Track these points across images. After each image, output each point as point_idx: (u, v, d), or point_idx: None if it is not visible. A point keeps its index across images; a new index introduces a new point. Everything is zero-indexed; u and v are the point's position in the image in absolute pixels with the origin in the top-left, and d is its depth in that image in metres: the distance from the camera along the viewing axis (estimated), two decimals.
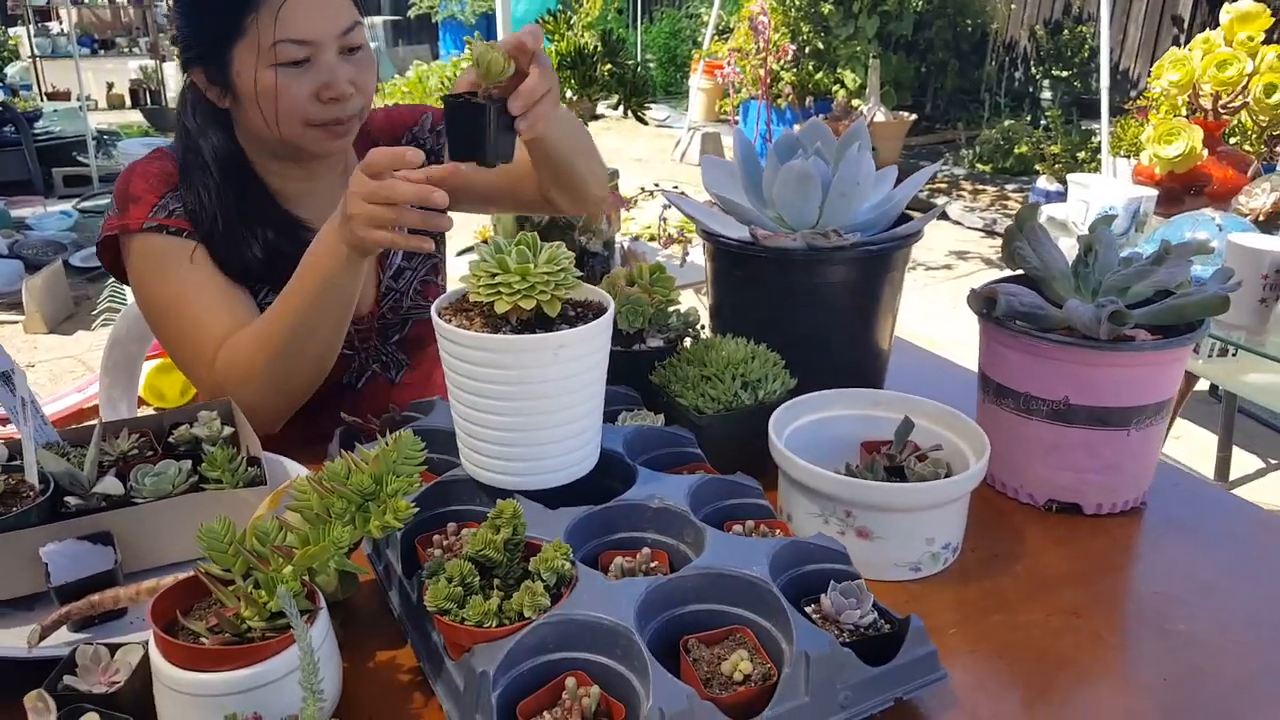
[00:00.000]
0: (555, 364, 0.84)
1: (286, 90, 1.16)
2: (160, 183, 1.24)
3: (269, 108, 1.17)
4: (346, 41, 1.19)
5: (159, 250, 1.21)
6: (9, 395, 0.95)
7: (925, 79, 8.89)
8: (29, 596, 0.88)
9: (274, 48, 1.14)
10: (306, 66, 1.16)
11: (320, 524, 0.73)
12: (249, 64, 1.16)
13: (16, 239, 5.26)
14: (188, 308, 1.20)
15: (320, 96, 1.18)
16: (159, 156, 1.28)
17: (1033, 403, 1.07)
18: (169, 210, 1.22)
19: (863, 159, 1.19)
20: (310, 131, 1.20)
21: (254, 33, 1.14)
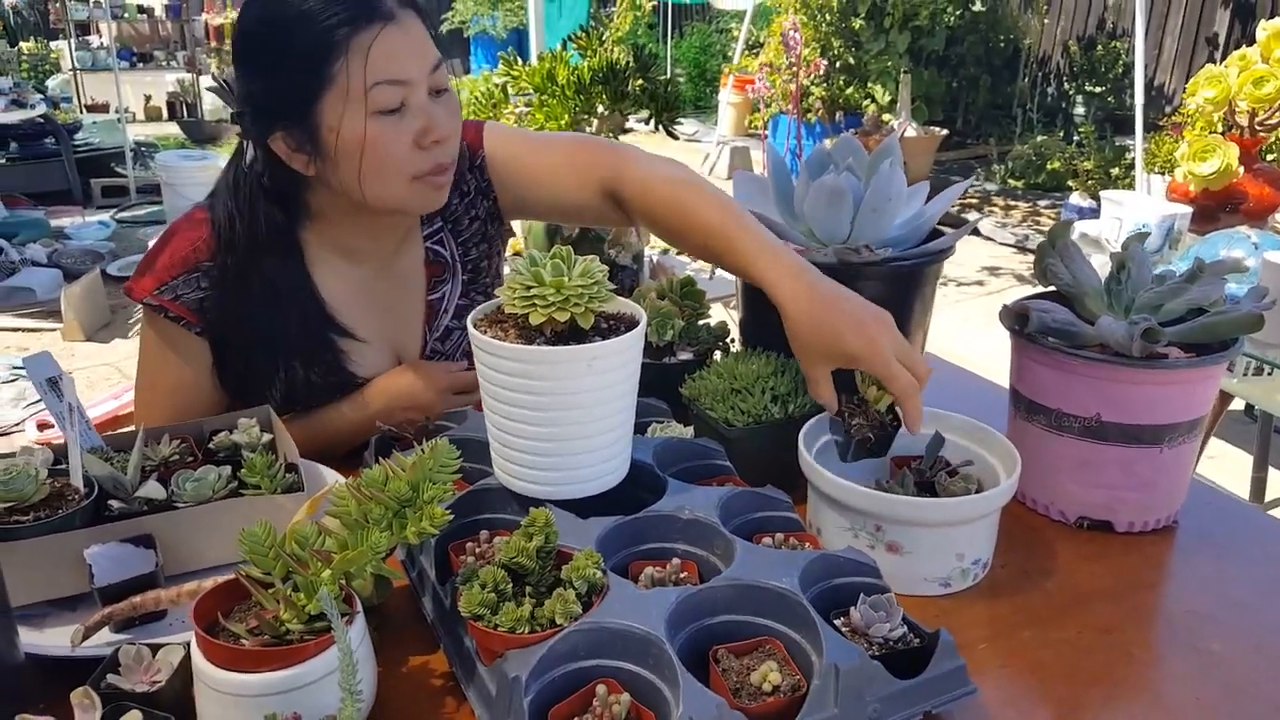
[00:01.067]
0: (588, 375, 0.85)
1: (387, 140, 1.06)
2: (181, 264, 1.17)
3: (370, 163, 1.08)
4: (435, 81, 1.10)
5: (158, 329, 1.21)
6: (56, 401, 0.97)
7: (957, 94, 8.86)
8: (71, 597, 0.90)
9: (369, 93, 1.04)
10: (402, 114, 1.07)
11: (358, 529, 0.75)
12: (338, 117, 1.06)
13: (56, 248, 5.37)
14: (167, 394, 1.22)
15: (420, 143, 1.09)
16: (201, 221, 1.19)
17: (1064, 419, 1.06)
18: (175, 294, 1.17)
19: (894, 175, 1.19)
20: (414, 187, 1.11)
21: (342, 80, 1.04)
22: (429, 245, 1.31)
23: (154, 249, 1.21)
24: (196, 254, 1.18)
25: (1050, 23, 9.16)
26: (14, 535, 0.86)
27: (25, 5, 10.67)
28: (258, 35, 1.10)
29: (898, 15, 7.78)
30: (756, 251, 1.07)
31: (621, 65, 2.45)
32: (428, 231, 1.31)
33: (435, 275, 1.31)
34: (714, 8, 11.61)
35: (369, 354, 1.27)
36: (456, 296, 1.33)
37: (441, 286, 1.32)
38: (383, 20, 1.05)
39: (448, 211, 1.30)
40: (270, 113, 1.10)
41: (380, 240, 1.27)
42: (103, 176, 7.14)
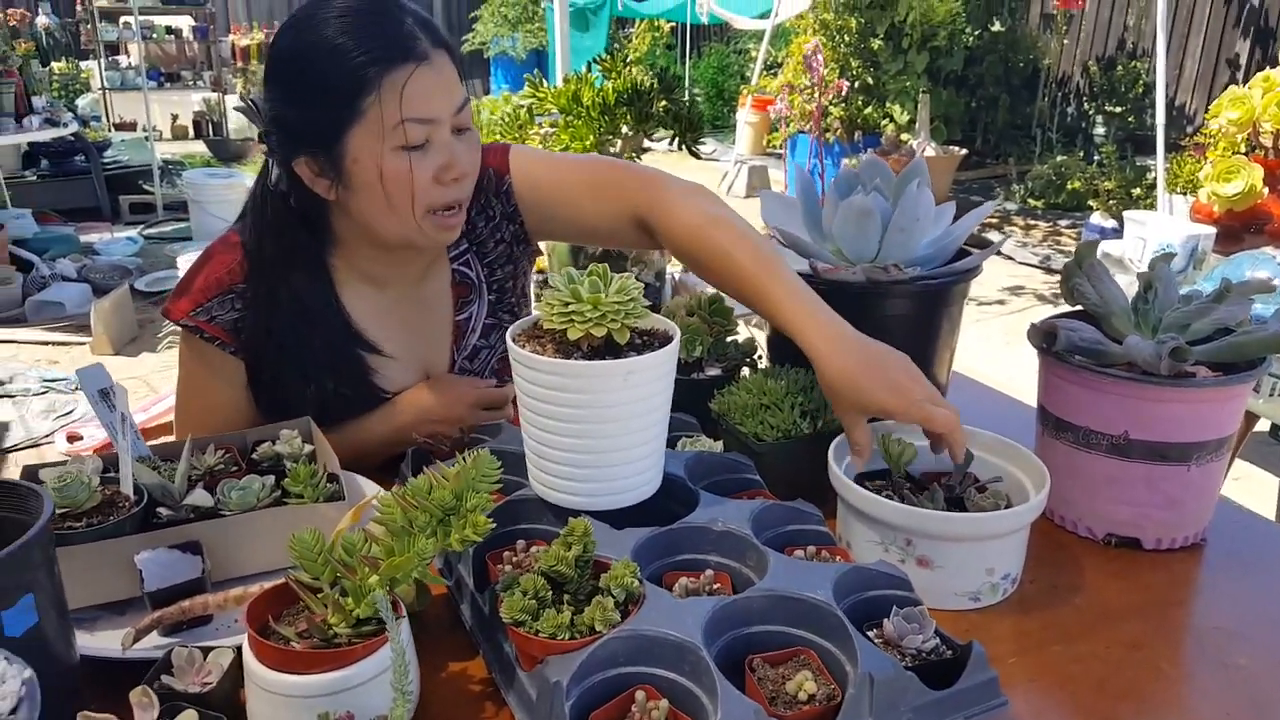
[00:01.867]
0: (624, 389, 0.88)
1: (406, 175, 1.10)
2: (217, 284, 1.20)
3: (394, 194, 1.11)
4: (459, 121, 1.14)
5: (194, 349, 1.24)
6: (107, 411, 1.00)
7: (976, 114, 8.88)
8: (121, 601, 0.92)
9: (400, 128, 1.08)
10: (427, 150, 1.11)
11: (404, 536, 0.77)
12: (365, 149, 1.09)
13: (85, 263, 5.46)
14: (200, 412, 1.26)
15: (440, 179, 1.12)
16: (236, 245, 1.23)
17: (1092, 437, 1.07)
18: (211, 316, 1.20)
19: (922, 195, 1.21)
20: (427, 221, 1.14)
21: (375, 115, 1.07)
22: (455, 267, 1.33)
23: (191, 271, 1.23)
24: (231, 276, 1.21)
25: (1070, 43, 9.18)
26: (68, 541, 0.89)
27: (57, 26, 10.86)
28: (291, 64, 1.13)
29: (916, 36, 7.82)
30: (791, 304, 1.09)
31: (646, 87, 2.48)
32: (454, 254, 1.33)
33: (462, 296, 1.34)
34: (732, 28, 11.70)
35: (397, 371, 1.29)
36: (483, 316, 1.36)
37: (468, 307, 1.35)
38: (416, 60, 1.08)
39: (474, 234, 1.33)
40: (297, 138, 1.13)
41: (405, 268, 1.29)
42: (131, 194, 7.27)
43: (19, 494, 0.76)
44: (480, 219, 1.32)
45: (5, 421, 3.70)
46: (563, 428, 0.89)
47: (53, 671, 0.73)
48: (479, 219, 1.32)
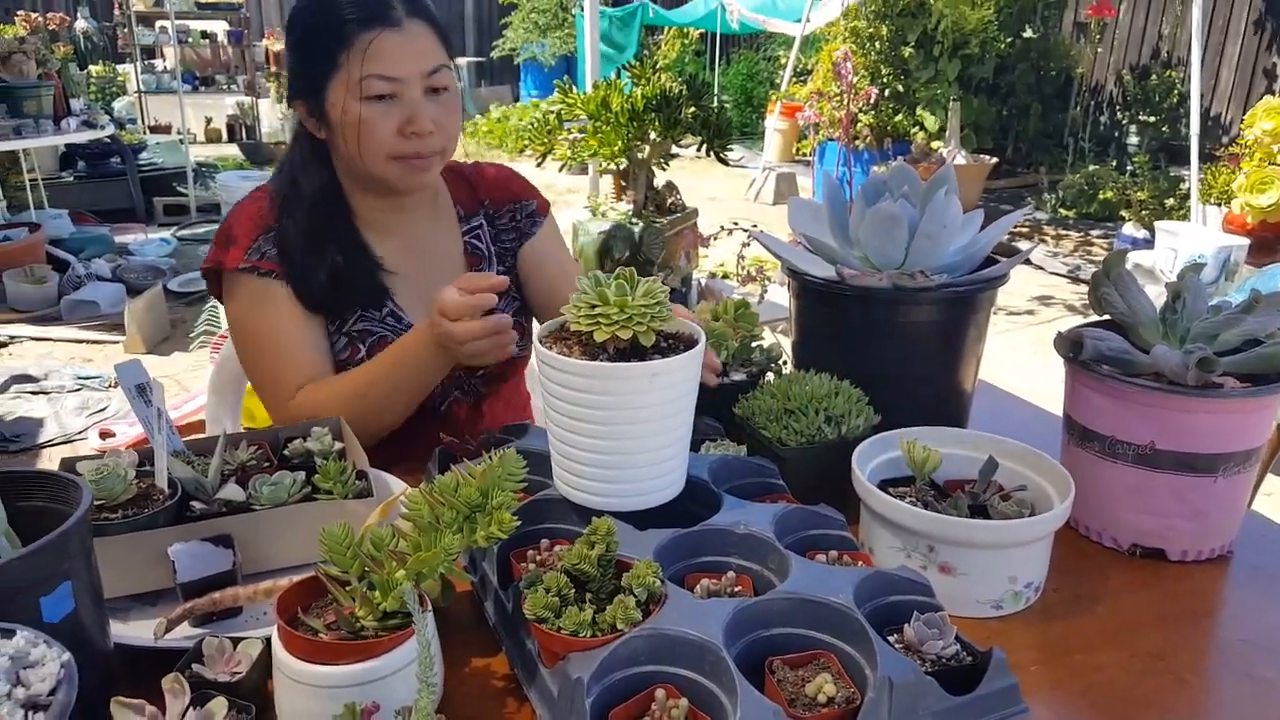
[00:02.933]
0: (649, 391, 0.88)
1: (372, 122, 1.25)
2: (256, 226, 1.33)
3: (352, 139, 1.26)
4: (431, 82, 1.27)
5: (252, 290, 1.31)
6: (144, 406, 1.03)
7: (1007, 122, 8.82)
8: (152, 593, 0.94)
9: (362, 82, 1.23)
10: (393, 102, 1.25)
11: (431, 532, 0.78)
12: (340, 97, 1.25)
13: (119, 263, 5.55)
14: (271, 347, 1.31)
15: (403, 131, 1.26)
16: (260, 196, 1.37)
17: (1118, 446, 1.07)
18: (262, 253, 1.31)
19: (950, 203, 1.21)
20: (393, 165, 1.28)
21: (346, 68, 1.24)
22: (467, 240, 1.48)
23: (224, 226, 1.35)
24: (265, 217, 1.34)
25: (1103, 51, 9.10)
26: (103, 531, 0.91)
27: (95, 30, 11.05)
28: (296, 20, 1.32)
29: (947, 43, 7.78)
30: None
31: (674, 94, 2.50)
32: (466, 228, 1.49)
33: (473, 265, 1.48)
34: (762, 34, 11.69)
35: (419, 316, 1.38)
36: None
37: (479, 270, 1.47)
38: (384, 25, 1.24)
39: (494, 219, 1.51)
40: (296, 83, 1.31)
41: (401, 214, 1.41)
42: (165, 195, 7.37)
43: (59, 484, 0.78)
44: (505, 216, 1.51)
45: (40, 418, 3.77)
46: (588, 429, 0.90)
47: (88, 657, 0.75)
48: (504, 214, 1.51)
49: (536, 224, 1.54)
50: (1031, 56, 8.47)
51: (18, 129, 5.11)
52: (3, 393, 3.98)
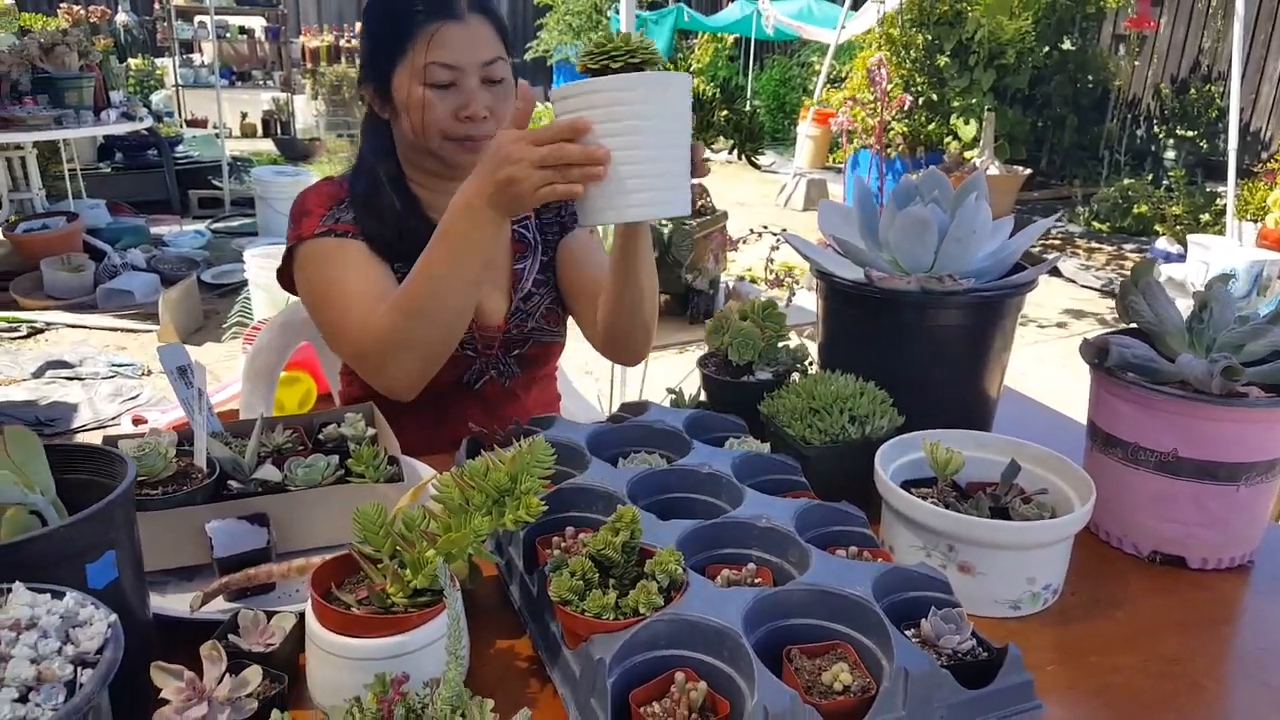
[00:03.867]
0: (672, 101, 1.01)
1: (432, 106, 1.34)
2: (328, 199, 1.42)
3: (416, 119, 1.36)
4: (488, 73, 1.36)
5: (326, 249, 1.37)
6: (185, 388, 1.06)
7: (1042, 134, 8.76)
8: (189, 567, 0.97)
9: (425, 69, 1.32)
10: (451, 90, 1.34)
11: (461, 514, 0.81)
12: (406, 81, 1.35)
13: (154, 254, 5.64)
14: (342, 288, 1.34)
15: (458, 115, 1.35)
16: (327, 183, 1.46)
17: (1141, 453, 1.08)
18: (336, 218, 1.39)
19: (980, 208, 1.22)
20: (447, 144, 1.37)
21: (411, 56, 1.34)
22: (515, 229, 1.54)
23: (298, 205, 1.42)
24: (338, 192, 1.43)
25: (1141, 64, 9.02)
26: (144, 507, 0.94)
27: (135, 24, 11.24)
28: (373, 11, 1.42)
29: (983, 53, 7.74)
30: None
31: (707, 97, 2.51)
32: (517, 219, 1.54)
33: (519, 251, 1.53)
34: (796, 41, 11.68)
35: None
36: (535, 271, 1.54)
37: (524, 260, 1.53)
38: (447, 17, 1.33)
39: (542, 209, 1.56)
40: (367, 68, 1.42)
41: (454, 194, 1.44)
42: (200, 188, 7.48)
43: (105, 458, 0.81)
44: (551, 209, 1.57)
45: (74, 403, 3.84)
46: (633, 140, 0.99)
47: (128, 625, 0.77)
48: (550, 206, 1.57)
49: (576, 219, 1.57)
50: (1068, 68, 8.41)
51: (59, 119, 5.21)
52: (39, 378, 4.07)
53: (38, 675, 0.54)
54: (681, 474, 1.04)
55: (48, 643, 0.56)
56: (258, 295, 4.62)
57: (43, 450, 0.75)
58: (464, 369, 1.46)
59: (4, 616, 0.57)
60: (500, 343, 1.49)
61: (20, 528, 0.70)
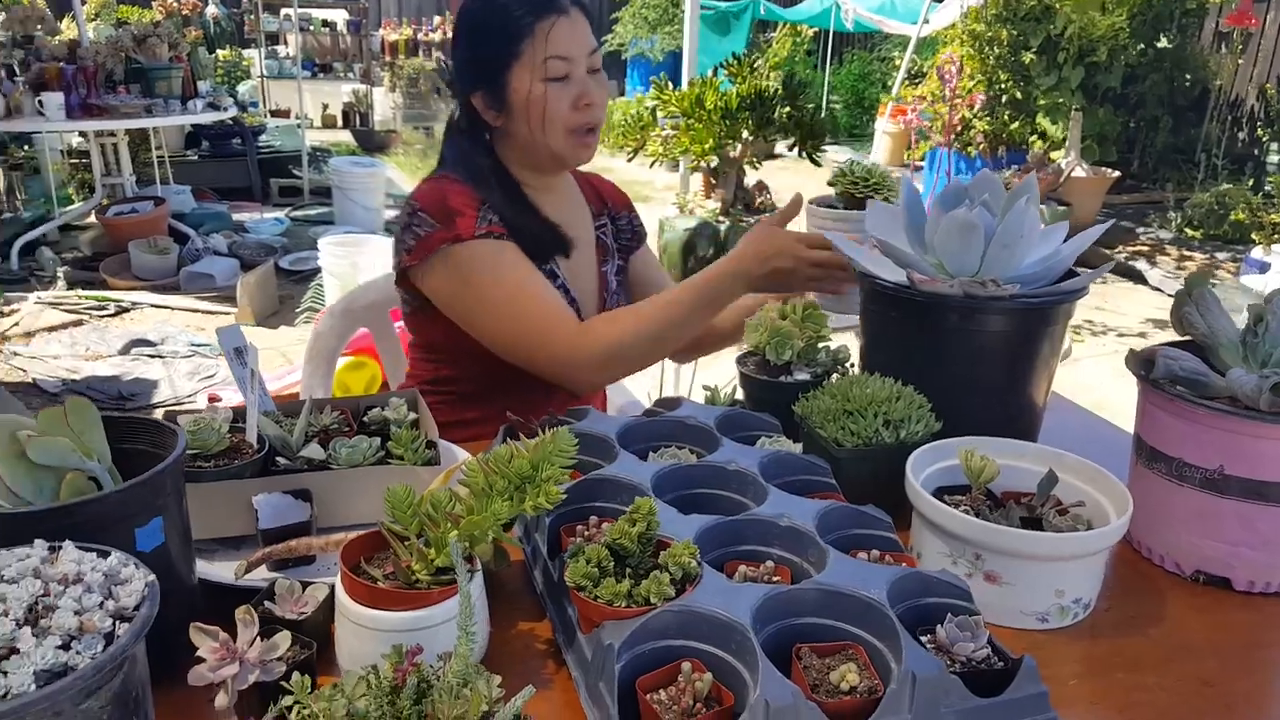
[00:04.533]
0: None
1: (553, 99, 1.40)
2: (473, 199, 1.43)
3: (536, 116, 1.41)
4: (592, 62, 1.44)
5: (490, 253, 1.40)
6: (240, 367, 1.11)
7: (1134, 135, 8.46)
8: (236, 537, 1.02)
9: (545, 63, 1.38)
10: (566, 83, 1.41)
11: (484, 498, 0.83)
12: (524, 81, 1.40)
13: (235, 239, 5.85)
14: (536, 294, 1.41)
15: (577, 104, 1.42)
16: (445, 179, 1.47)
17: (1185, 469, 1.05)
18: (489, 220, 1.42)
19: (1029, 212, 1.20)
20: (569, 140, 1.43)
21: (528, 54, 1.39)
22: (597, 234, 1.65)
23: (439, 205, 1.42)
24: (472, 194, 1.44)
25: (1244, 63, 8.65)
26: (196, 478, 0.99)
27: (224, 16, 11.63)
28: (473, 19, 1.45)
29: (1073, 50, 7.50)
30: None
31: (770, 93, 2.51)
32: (598, 224, 1.65)
33: (602, 256, 1.64)
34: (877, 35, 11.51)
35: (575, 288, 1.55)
36: (614, 274, 1.66)
37: (606, 264, 1.64)
38: (558, 13, 1.40)
39: (616, 220, 1.70)
40: (475, 76, 1.45)
41: (555, 196, 1.55)
42: (281, 177, 7.72)
43: (159, 431, 0.86)
44: (623, 220, 1.71)
45: (155, 379, 4.01)
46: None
47: (173, 588, 0.83)
48: (622, 218, 1.71)
49: (645, 231, 1.75)
50: (1165, 66, 8.08)
51: (149, 108, 5.43)
52: (123, 354, 4.26)
53: (80, 626, 0.58)
54: (707, 470, 1.05)
55: (91, 597, 0.60)
56: (330, 282, 4.76)
57: (100, 421, 0.80)
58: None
59: (53, 571, 0.62)
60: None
61: (77, 491, 0.75)
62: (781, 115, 2.42)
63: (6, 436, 0.72)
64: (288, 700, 0.64)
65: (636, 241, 1.73)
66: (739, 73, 2.55)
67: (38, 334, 4.48)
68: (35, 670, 0.54)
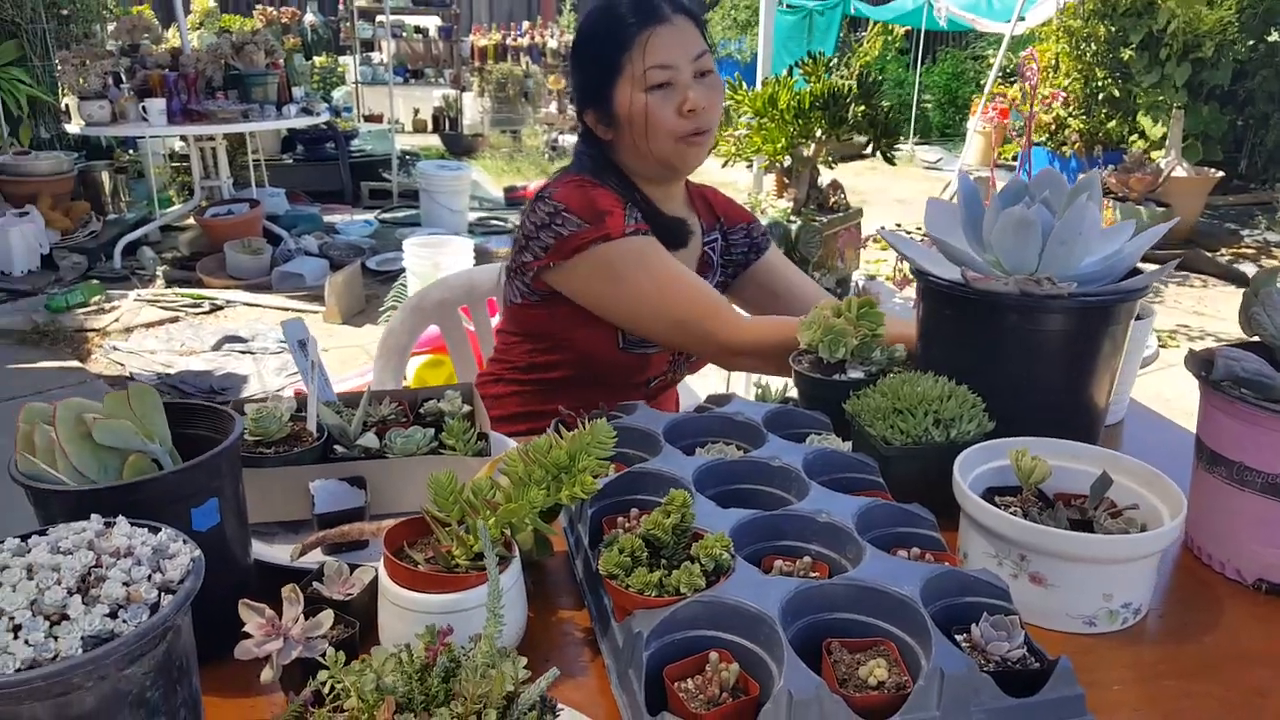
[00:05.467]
0: None
1: (657, 109, 1.43)
2: (618, 200, 1.49)
3: (640, 127, 1.44)
4: (698, 66, 1.45)
5: (640, 248, 1.46)
6: (303, 358, 1.16)
7: (1242, 133, 8.09)
8: (296, 522, 1.07)
9: (646, 73, 1.41)
10: (670, 89, 1.43)
11: (521, 487, 0.86)
12: (628, 93, 1.44)
13: (325, 240, 6.05)
14: (687, 282, 1.48)
15: (681, 111, 1.43)
16: (584, 181, 1.51)
17: (1246, 473, 1.01)
18: (635, 218, 1.48)
19: (1088, 210, 1.17)
20: (677, 146, 1.46)
21: (629, 67, 1.43)
22: (705, 249, 1.68)
23: (586, 207, 1.45)
24: (613, 195, 1.49)
25: None
26: (259, 464, 1.04)
27: (321, 24, 12.02)
28: (581, 39, 1.52)
29: (1177, 46, 7.20)
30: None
31: (844, 92, 2.48)
32: (707, 239, 1.68)
33: (704, 270, 1.67)
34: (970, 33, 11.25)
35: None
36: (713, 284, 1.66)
37: (707, 277, 1.66)
38: (656, 21, 1.43)
39: (728, 235, 1.72)
40: (586, 95, 1.51)
41: (672, 205, 1.59)
42: (371, 180, 7.95)
43: (219, 416, 0.91)
44: (739, 233, 1.72)
45: (245, 374, 4.19)
46: None
47: (228, 567, 0.88)
48: (738, 231, 1.73)
49: (769, 241, 1.76)
50: (1276, 62, 7.70)
51: (245, 113, 5.67)
52: (216, 350, 4.45)
53: (127, 596, 0.62)
54: (750, 465, 1.05)
55: (140, 570, 0.65)
56: (413, 281, 4.89)
57: (161, 406, 0.85)
58: (665, 366, 1.62)
59: (106, 544, 0.66)
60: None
61: (139, 472, 0.80)
62: (856, 113, 2.40)
63: (73, 419, 0.77)
64: (323, 675, 0.67)
65: (755, 254, 1.74)
66: (813, 71, 2.53)
67: (136, 330, 4.72)
68: (83, 635, 0.58)
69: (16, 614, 0.58)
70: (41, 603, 0.59)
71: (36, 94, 6.76)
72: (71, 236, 5.89)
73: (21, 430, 0.77)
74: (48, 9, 6.99)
